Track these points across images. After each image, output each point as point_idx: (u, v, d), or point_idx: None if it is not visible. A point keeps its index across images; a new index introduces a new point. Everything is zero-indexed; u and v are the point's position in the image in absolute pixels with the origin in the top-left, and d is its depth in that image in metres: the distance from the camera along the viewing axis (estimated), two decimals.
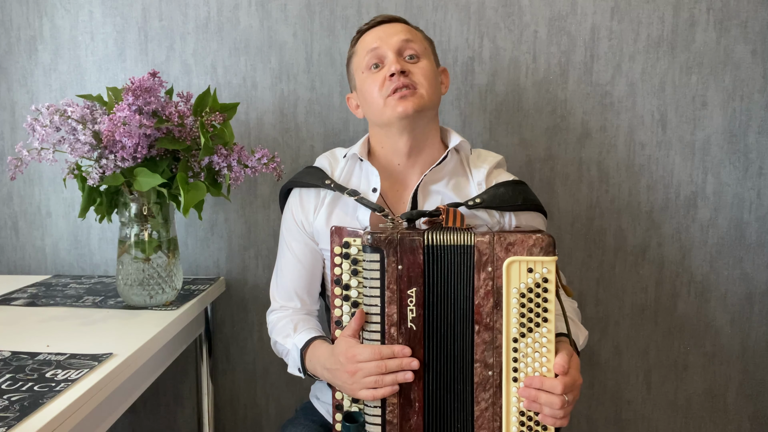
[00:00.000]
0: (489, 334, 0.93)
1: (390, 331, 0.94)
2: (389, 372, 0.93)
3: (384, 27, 1.11)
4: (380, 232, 0.94)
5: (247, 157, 1.20)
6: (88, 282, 1.46)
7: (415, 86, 1.05)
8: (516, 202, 1.10)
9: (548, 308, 0.90)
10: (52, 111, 1.08)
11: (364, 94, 1.10)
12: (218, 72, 1.48)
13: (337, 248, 0.98)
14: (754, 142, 1.42)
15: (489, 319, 0.92)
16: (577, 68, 1.42)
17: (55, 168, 1.53)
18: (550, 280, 0.90)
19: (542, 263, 0.90)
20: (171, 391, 1.61)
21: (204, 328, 1.46)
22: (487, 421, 0.94)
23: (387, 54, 1.07)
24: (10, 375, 0.90)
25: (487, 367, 0.93)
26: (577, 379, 0.91)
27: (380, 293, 0.94)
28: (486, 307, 0.92)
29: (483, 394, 0.94)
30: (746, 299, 1.47)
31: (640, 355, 1.51)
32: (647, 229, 1.47)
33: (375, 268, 0.94)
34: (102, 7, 1.48)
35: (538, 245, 0.89)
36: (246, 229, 1.53)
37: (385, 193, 1.11)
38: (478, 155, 1.17)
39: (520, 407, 0.92)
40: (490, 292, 0.92)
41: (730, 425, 1.52)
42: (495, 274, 0.92)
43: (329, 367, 0.99)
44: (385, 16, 1.14)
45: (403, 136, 1.09)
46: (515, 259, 0.90)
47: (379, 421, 0.96)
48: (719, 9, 1.38)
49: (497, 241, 0.91)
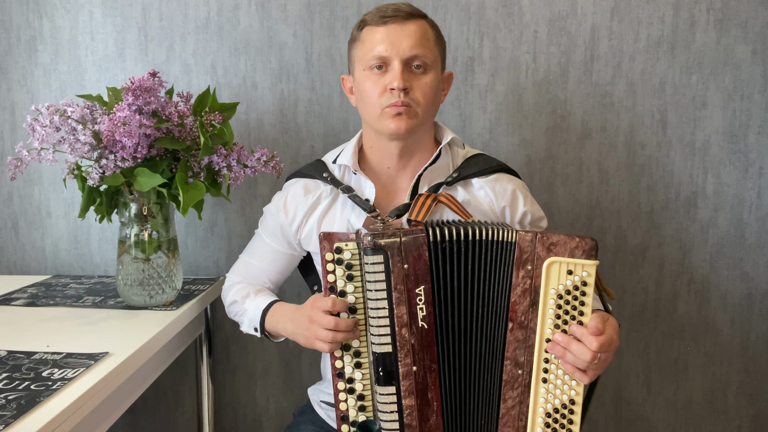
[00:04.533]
0: (522, 332, 0.92)
1: (401, 332, 0.92)
2: (340, 331, 0.94)
3: (397, 28, 1.03)
4: (380, 233, 0.92)
5: (247, 157, 1.20)
6: (88, 282, 1.46)
7: (412, 105, 1.03)
8: (492, 164, 1.13)
9: (584, 312, 0.89)
10: (52, 111, 1.08)
11: (362, 92, 1.08)
12: (218, 72, 1.48)
13: (328, 255, 0.96)
14: (754, 142, 1.42)
15: (524, 318, 0.92)
16: (577, 68, 1.42)
17: (55, 168, 1.53)
18: (589, 284, 0.88)
19: (583, 266, 0.88)
20: (171, 391, 1.61)
21: (204, 328, 1.46)
22: (512, 420, 0.94)
23: (394, 62, 1.02)
24: (7, 374, 0.90)
25: (517, 365, 0.93)
26: (614, 340, 0.89)
27: (387, 295, 0.92)
28: (522, 305, 0.92)
29: (510, 392, 0.93)
30: (746, 299, 1.47)
31: (640, 355, 1.51)
32: (647, 229, 1.47)
33: (379, 270, 0.92)
34: (102, 7, 1.48)
35: (580, 248, 0.88)
36: (246, 229, 1.53)
37: (377, 202, 1.11)
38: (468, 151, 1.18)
39: (547, 408, 0.92)
40: (527, 290, 0.91)
41: (730, 425, 1.52)
42: (534, 273, 0.91)
43: (292, 316, 1.05)
44: (401, 12, 1.04)
45: (394, 143, 1.09)
46: (556, 260, 0.89)
47: (397, 427, 0.94)
48: (719, 9, 1.38)
49: (539, 240, 0.90)
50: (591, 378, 0.89)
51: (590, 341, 0.86)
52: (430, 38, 1.06)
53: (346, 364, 0.97)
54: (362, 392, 0.97)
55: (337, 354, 0.97)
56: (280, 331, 1.10)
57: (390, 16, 1.04)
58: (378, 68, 1.04)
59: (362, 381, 0.97)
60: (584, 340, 0.86)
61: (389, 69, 1.03)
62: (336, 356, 0.97)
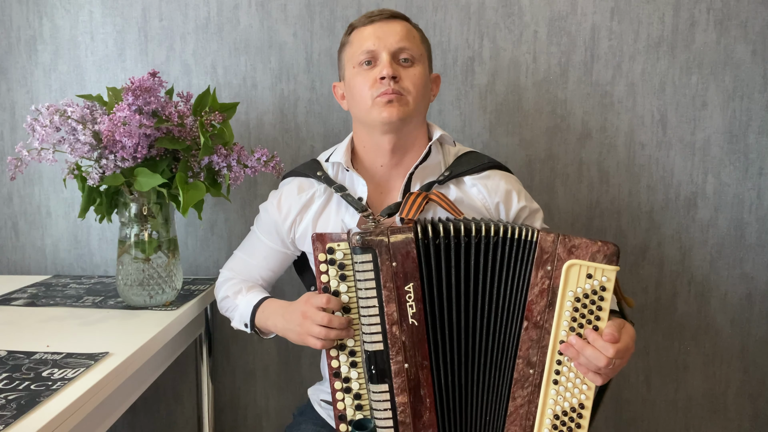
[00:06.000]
0: (537, 332, 0.92)
1: (392, 330, 0.93)
2: (334, 328, 0.94)
3: (383, 25, 1.08)
4: (369, 232, 0.93)
5: (247, 157, 1.20)
6: (88, 282, 1.46)
7: (403, 93, 1.05)
8: (483, 161, 1.13)
9: (601, 317, 0.88)
10: (52, 111, 1.08)
11: (353, 89, 1.09)
12: (218, 72, 1.48)
13: (321, 255, 0.96)
14: (754, 142, 1.42)
15: (540, 318, 0.92)
16: (577, 68, 1.42)
17: (55, 168, 1.53)
18: (608, 289, 0.88)
19: (603, 271, 0.88)
20: (171, 391, 1.61)
21: (204, 328, 1.46)
22: (520, 418, 0.94)
23: (382, 55, 1.06)
24: (7, 374, 0.90)
25: (529, 365, 0.93)
26: (630, 348, 0.89)
27: (377, 293, 0.94)
28: (539, 305, 0.92)
29: (520, 391, 0.93)
30: (746, 299, 1.47)
31: (640, 355, 1.51)
32: (647, 229, 1.47)
33: (368, 268, 0.93)
34: (102, 7, 1.48)
35: (602, 252, 0.88)
36: (246, 229, 1.52)
37: (370, 201, 1.11)
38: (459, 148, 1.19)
39: (555, 410, 0.92)
40: (545, 290, 0.91)
41: (730, 425, 1.52)
42: (554, 274, 0.90)
43: (283, 313, 1.05)
44: (385, 12, 1.11)
45: (387, 136, 1.09)
46: (576, 263, 0.89)
47: (391, 424, 0.95)
48: (719, 9, 1.38)
49: (561, 242, 0.90)
50: (604, 380, 0.89)
51: (606, 348, 0.86)
52: (416, 36, 1.11)
53: (342, 363, 0.98)
54: (358, 391, 0.97)
55: (333, 354, 0.98)
56: (270, 327, 1.11)
57: (376, 15, 1.10)
58: (367, 64, 1.07)
59: (358, 380, 0.97)
60: (599, 346, 0.87)
61: (378, 62, 1.07)
62: (332, 356, 0.98)
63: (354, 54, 1.09)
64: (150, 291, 1.22)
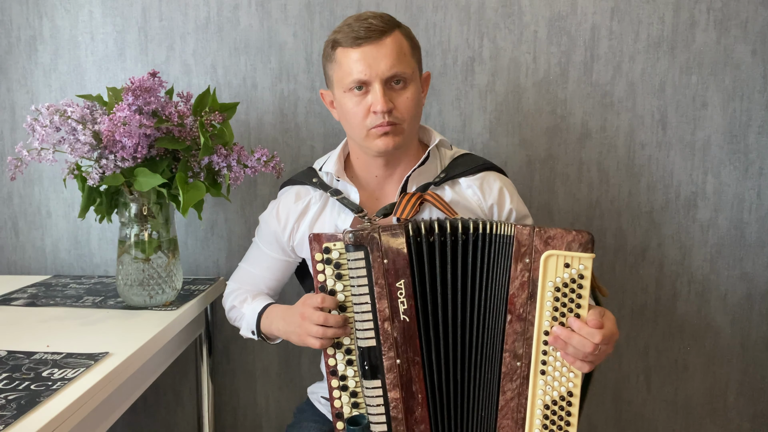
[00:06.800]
0: (521, 324, 0.93)
1: (384, 326, 0.95)
2: (330, 326, 0.96)
3: (372, 49, 1.01)
4: (361, 230, 0.95)
5: (247, 157, 1.20)
6: (88, 282, 1.46)
7: (398, 123, 1.04)
8: (478, 162, 1.14)
9: (581, 304, 0.90)
10: (52, 111, 1.08)
11: (345, 112, 1.07)
12: (218, 72, 1.48)
13: (317, 255, 0.98)
14: (754, 142, 1.42)
15: (522, 310, 0.93)
16: (577, 68, 1.42)
17: (55, 168, 1.53)
18: (586, 277, 0.90)
19: (579, 259, 0.90)
20: (171, 391, 1.61)
21: (204, 328, 1.46)
22: (511, 411, 0.95)
23: (374, 84, 1.02)
24: (7, 374, 0.90)
25: (516, 357, 0.94)
26: (614, 332, 0.91)
27: (369, 290, 0.95)
28: (520, 297, 0.93)
29: (509, 384, 0.95)
30: (746, 299, 1.47)
31: (640, 355, 1.51)
32: (647, 230, 1.47)
33: (360, 266, 0.95)
34: (102, 7, 1.48)
35: (577, 241, 0.90)
36: (246, 229, 1.53)
37: (363, 206, 1.12)
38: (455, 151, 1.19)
39: (545, 400, 0.93)
40: (525, 283, 0.93)
41: (730, 425, 1.52)
42: (532, 266, 0.92)
43: (284, 316, 1.07)
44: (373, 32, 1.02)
45: (381, 158, 1.11)
46: (553, 253, 0.91)
47: (384, 420, 0.96)
48: (719, 9, 1.38)
49: (537, 234, 0.91)
50: (591, 367, 0.91)
51: (592, 334, 0.88)
52: (407, 51, 1.05)
53: (339, 361, 0.99)
54: (354, 389, 0.99)
55: (329, 352, 0.99)
56: (274, 331, 1.12)
57: (363, 37, 1.01)
58: (358, 89, 1.03)
59: (354, 378, 0.99)
60: (585, 333, 0.88)
61: (370, 90, 1.03)
62: (329, 354, 0.99)
63: (342, 78, 1.04)
64: (150, 291, 1.22)
